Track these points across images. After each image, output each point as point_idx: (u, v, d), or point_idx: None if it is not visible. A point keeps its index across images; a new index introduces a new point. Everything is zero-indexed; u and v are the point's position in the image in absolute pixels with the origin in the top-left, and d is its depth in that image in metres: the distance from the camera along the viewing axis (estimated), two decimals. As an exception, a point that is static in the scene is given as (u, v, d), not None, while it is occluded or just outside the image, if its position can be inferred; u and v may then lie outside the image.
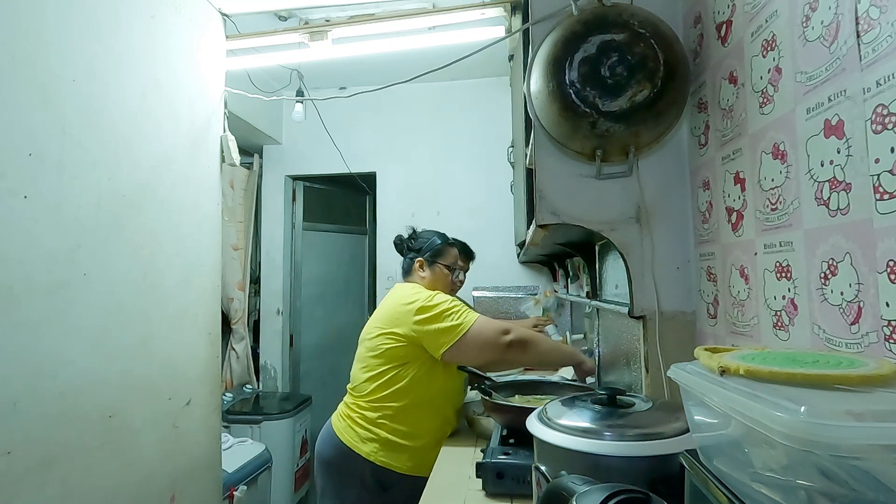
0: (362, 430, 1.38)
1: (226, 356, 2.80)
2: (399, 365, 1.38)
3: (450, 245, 1.62)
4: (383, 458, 1.36)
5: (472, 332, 1.33)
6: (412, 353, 1.37)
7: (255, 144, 3.13)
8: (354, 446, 1.37)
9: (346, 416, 1.44)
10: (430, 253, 1.58)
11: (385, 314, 1.43)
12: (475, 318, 1.36)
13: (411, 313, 1.35)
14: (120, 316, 1.30)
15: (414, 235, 1.65)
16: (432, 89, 3.02)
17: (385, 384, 1.38)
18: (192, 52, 1.63)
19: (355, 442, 1.38)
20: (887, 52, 0.51)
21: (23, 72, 1.06)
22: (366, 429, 1.38)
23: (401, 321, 1.37)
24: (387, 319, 1.41)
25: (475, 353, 1.36)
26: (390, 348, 1.38)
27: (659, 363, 1.01)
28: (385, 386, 1.38)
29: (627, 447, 0.66)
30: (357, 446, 1.37)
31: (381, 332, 1.40)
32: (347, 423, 1.42)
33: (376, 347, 1.40)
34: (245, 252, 2.92)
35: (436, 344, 1.33)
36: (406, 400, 1.37)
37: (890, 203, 0.51)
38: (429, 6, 1.91)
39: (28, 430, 1.04)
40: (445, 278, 1.58)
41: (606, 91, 0.94)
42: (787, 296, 0.70)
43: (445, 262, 1.59)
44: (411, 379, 1.37)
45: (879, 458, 0.33)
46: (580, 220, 1.08)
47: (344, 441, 1.39)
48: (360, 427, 1.39)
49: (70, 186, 1.16)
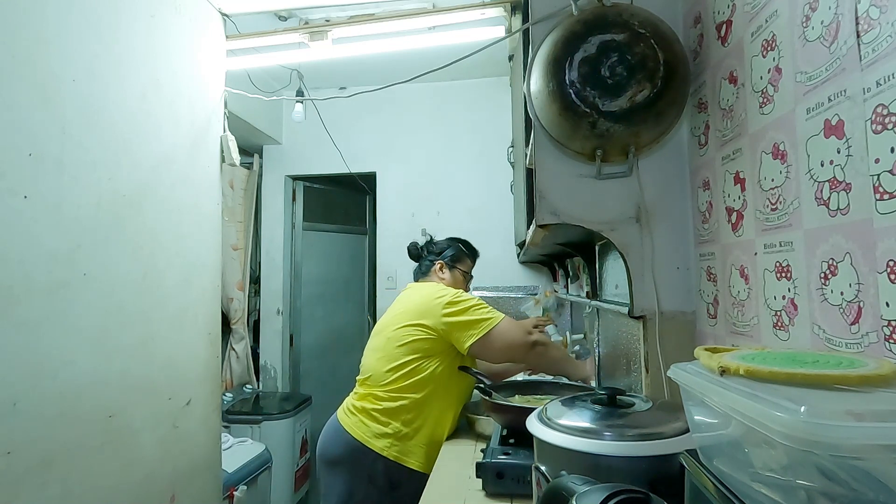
0: (375, 423, 1.39)
1: (226, 356, 2.80)
2: (423, 357, 1.41)
3: (466, 254, 1.71)
4: (397, 452, 1.36)
5: (499, 329, 1.38)
6: (438, 346, 1.41)
7: (255, 144, 3.13)
8: (367, 441, 1.37)
9: (357, 409, 1.43)
10: (451, 258, 1.66)
11: (414, 307, 1.47)
12: (503, 316, 1.42)
13: (441, 306, 1.40)
14: (120, 316, 1.30)
15: (432, 241, 1.74)
16: (432, 89, 3.02)
17: (407, 374, 1.40)
18: (192, 52, 1.63)
19: (367, 437, 1.38)
20: (887, 52, 0.51)
21: (23, 72, 1.06)
22: (380, 421, 1.38)
23: (430, 313, 1.41)
24: (415, 312, 1.44)
25: (500, 350, 1.41)
26: (417, 339, 1.41)
27: (659, 363, 1.01)
28: (407, 376, 1.40)
29: (627, 447, 0.66)
30: (370, 441, 1.37)
31: (408, 323, 1.43)
32: (359, 417, 1.41)
33: (401, 338, 1.43)
34: (245, 252, 2.92)
35: (463, 336, 1.37)
36: (424, 392, 1.40)
37: (890, 203, 0.51)
38: (429, 6, 1.91)
39: (28, 430, 1.04)
40: (463, 284, 1.66)
41: (606, 91, 0.94)
42: (787, 296, 0.70)
43: (463, 269, 1.68)
44: (432, 372, 1.40)
45: (879, 458, 0.33)
46: (580, 220, 1.08)
47: (355, 436, 1.39)
48: (374, 420, 1.39)
49: (70, 186, 1.16)
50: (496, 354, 1.44)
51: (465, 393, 1.50)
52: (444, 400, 1.42)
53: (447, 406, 1.43)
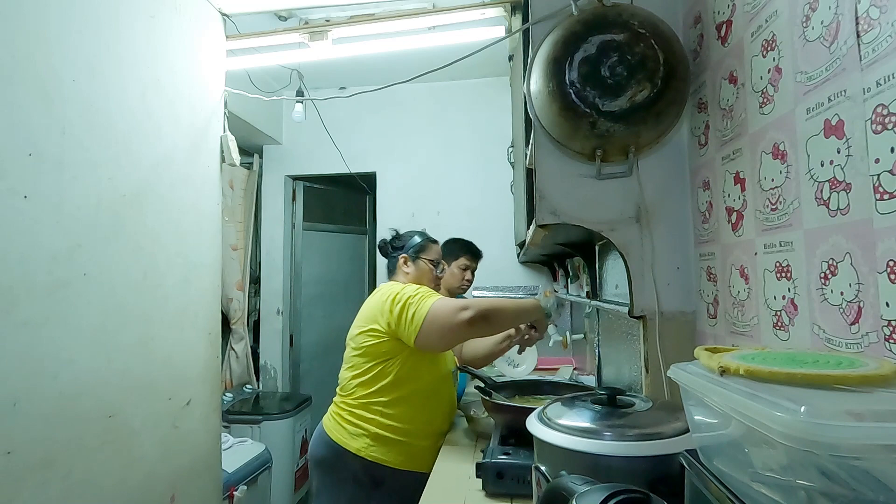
0: (352, 426, 1.38)
1: (225, 356, 2.80)
2: (383, 361, 1.37)
3: (431, 241, 1.62)
4: (374, 452, 1.35)
5: (429, 317, 1.27)
6: (394, 347, 1.36)
7: (255, 144, 3.14)
8: (344, 443, 1.38)
9: (335, 415, 1.45)
10: (414, 249, 1.58)
11: (368, 311, 1.43)
12: (433, 301, 1.30)
13: (385, 307, 1.35)
14: (120, 316, 1.30)
15: (397, 236, 1.64)
16: (432, 89, 3.02)
17: (370, 381, 1.38)
18: (193, 52, 1.63)
19: (345, 439, 1.38)
20: (887, 52, 0.51)
21: (23, 72, 1.06)
22: (355, 425, 1.38)
23: (378, 317, 1.37)
24: (369, 316, 1.41)
25: (439, 338, 1.29)
26: (372, 345, 1.37)
27: (659, 363, 1.01)
28: (371, 383, 1.38)
29: (627, 447, 0.66)
30: (347, 443, 1.37)
31: (362, 330, 1.40)
32: (337, 421, 1.42)
33: (360, 345, 1.40)
34: (245, 252, 2.92)
35: (406, 333, 1.31)
36: (394, 395, 1.37)
37: (890, 203, 0.51)
38: (429, 6, 1.91)
39: (28, 429, 1.04)
40: (430, 273, 1.58)
41: (606, 91, 0.94)
42: (787, 296, 0.70)
43: (429, 257, 1.58)
44: (396, 374, 1.36)
45: (879, 458, 0.33)
46: (580, 220, 1.08)
47: (334, 439, 1.40)
48: (350, 424, 1.39)
49: (70, 186, 1.16)
50: (438, 343, 1.32)
51: (441, 384, 1.46)
52: (419, 397, 1.39)
53: (422, 402, 1.40)
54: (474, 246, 2.17)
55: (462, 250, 2.13)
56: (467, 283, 2.15)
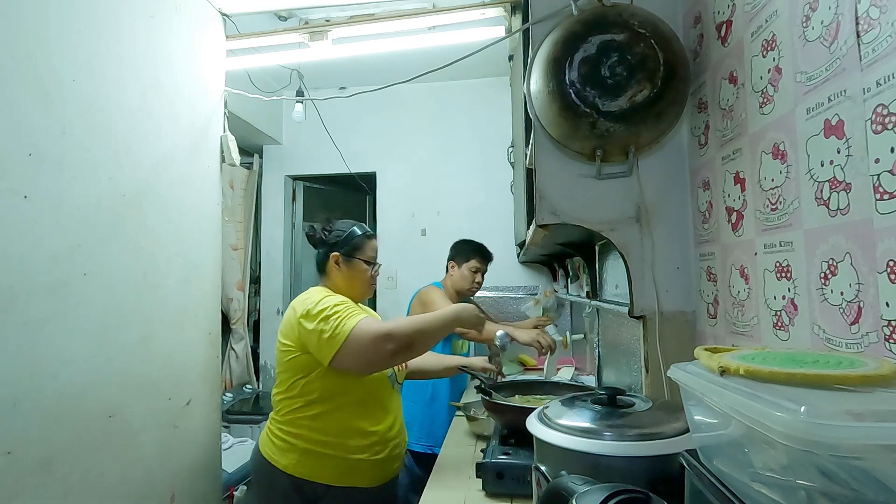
0: (281, 441, 1.27)
1: (225, 356, 2.80)
2: (304, 375, 1.25)
3: (369, 237, 1.40)
4: (304, 469, 1.24)
5: (349, 341, 1.16)
6: (312, 361, 1.23)
7: (255, 144, 3.13)
8: (273, 459, 1.26)
9: (267, 429, 1.33)
10: (349, 247, 1.36)
11: (284, 322, 1.31)
12: (355, 323, 1.18)
13: (297, 321, 1.23)
14: (120, 315, 1.30)
15: (329, 227, 1.40)
16: (432, 89, 3.02)
17: (296, 397, 1.26)
18: (193, 52, 1.63)
19: (274, 455, 1.26)
20: (887, 52, 0.51)
21: (23, 72, 1.06)
22: (284, 441, 1.26)
23: (291, 331, 1.25)
24: (284, 329, 1.29)
25: (357, 365, 1.19)
26: (291, 360, 1.26)
27: (659, 363, 1.01)
28: (296, 398, 1.26)
29: (627, 447, 0.66)
30: (275, 459, 1.26)
31: (281, 344, 1.29)
32: (268, 436, 1.31)
33: (280, 360, 1.29)
34: (244, 252, 2.92)
35: (321, 353, 1.19)
36: (321, 408, 1.25)
37: (890, 203, 0.51)
38: (429, 6, 1.91)
39: (28, 429, 1.04)
40: (364, 273, 1.37)
41: (606, 91, 0.94)
42: (787, 296, 0.70)
43: (364, 257, 1.37)
44: (322, 388, 1.24)
45: (879, 458, 0.33)
46: (580, 220, 1.08)
47: (263, 454, 1.28)
48: (279, 439, 1.27)
49: (70, 186, 1.16)
50: (359, 370, 1.22)
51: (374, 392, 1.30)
52: (346, 410, 1.25)
53: (352, 414, 1.26)
54: (485, 248, 2.14)
55: (473, 252, 2.10)
56: (477, 285, 2.11)
